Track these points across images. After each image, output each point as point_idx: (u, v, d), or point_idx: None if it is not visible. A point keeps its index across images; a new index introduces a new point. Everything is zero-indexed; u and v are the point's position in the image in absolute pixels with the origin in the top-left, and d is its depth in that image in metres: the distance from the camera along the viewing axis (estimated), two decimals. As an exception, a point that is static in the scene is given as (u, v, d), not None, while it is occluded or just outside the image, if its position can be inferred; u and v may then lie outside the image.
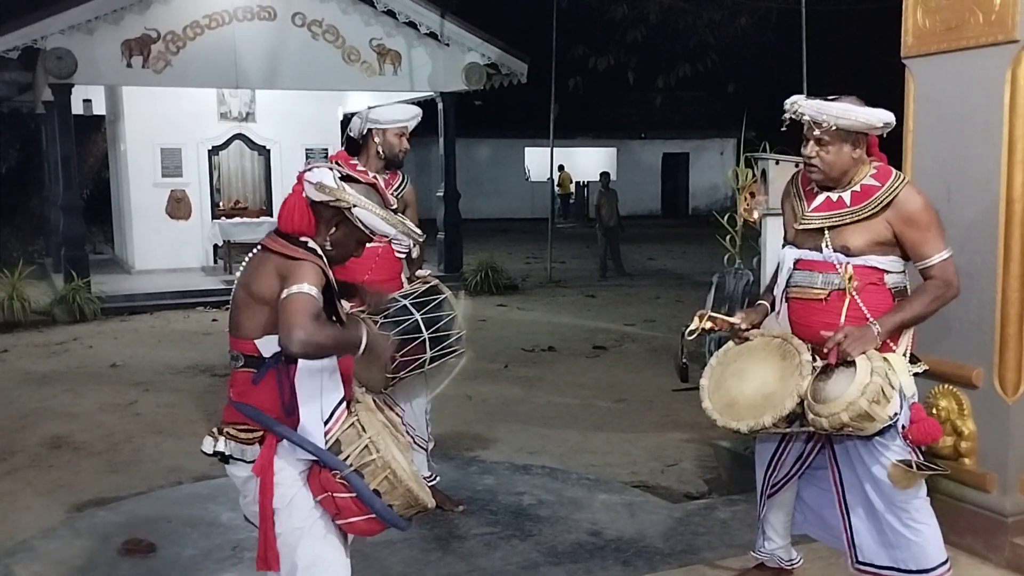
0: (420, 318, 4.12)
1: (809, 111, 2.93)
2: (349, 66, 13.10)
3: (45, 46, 11.50)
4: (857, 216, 2.98)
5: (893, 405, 2.85)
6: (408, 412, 4.42)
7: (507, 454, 5.65)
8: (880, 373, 2.81)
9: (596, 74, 13.98)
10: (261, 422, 2.50)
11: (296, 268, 2.45)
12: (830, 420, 2.82)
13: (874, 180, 2.99)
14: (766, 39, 14.26)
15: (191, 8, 12.20)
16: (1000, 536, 3.65)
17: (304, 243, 2.54)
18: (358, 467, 2.46)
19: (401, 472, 2.48)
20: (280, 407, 2.49)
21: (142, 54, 11.97)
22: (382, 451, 2.47)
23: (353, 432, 2.51)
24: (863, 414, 2.79)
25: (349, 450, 2.48)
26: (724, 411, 3.01)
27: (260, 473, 2.49)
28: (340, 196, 2.54)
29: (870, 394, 2.77)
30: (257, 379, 2.51)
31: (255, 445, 2.53)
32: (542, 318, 11.14)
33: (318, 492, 2.51)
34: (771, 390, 2.95)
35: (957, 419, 3.80)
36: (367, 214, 2.58)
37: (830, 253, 3.01)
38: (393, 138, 4.32)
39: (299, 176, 2.61)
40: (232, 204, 14.76)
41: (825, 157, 2.97)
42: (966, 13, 3.66)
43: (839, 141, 2.94)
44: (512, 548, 4.10)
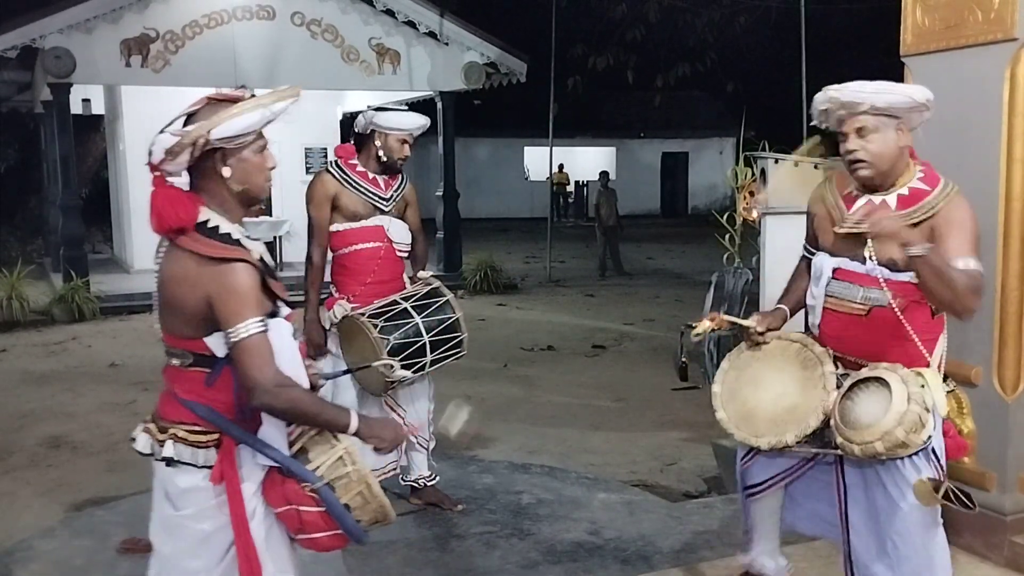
0: (420, 321, 4.11)
1: (846, 95, 2.68)
2: (348, 65, 13.09)
3: (44, 45, 11.49)
4: (908, 221, 2.67)
5: (928, 429, 2.65)
6: (410, 413, 4.41)
7: (506, 453, 5.64)
8: (917, 400, 2.60)
9: (595, 73, 13.98)
10: (219, 425, 2.26)
11: (223, 278, 2.17)
12: (863, 448, 2.61)
13: (923, 184, 2.74)
14: (765, 38, 14.28)
15: (190, 7, 12.20)
16: (999, 535, 3.65)
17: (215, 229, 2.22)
18: (330, 480, 2.26)
19: (376, 487, 2.30)
20: (235, 407, 2.26)
21: (141, 53, 11.97)
22: (357, 464, 2.29)
23: (323, 441, 2.31)
24: (899, 444, 2.60)
25: (319, 461, 2.28)
26: (741, 424, 2.82)
27: (220, 480, 2.24)
28: (191, 136, 2.16)
29: (907, 424, 2.58)
30: (211, 379, 2.26)
31: (210, 448, 2.26)
32: (541, 317, 11.14)
33: (279, 504, 2.28)
34: (793, 403, 2.75)
35: (956, 418, 3.79)
36: (228, 123, 2.17)
37: (873, 266, 2.72)
38: (395, 143, 4.27)
39: (152, 170, 2.23)
40: (231, 203, 14.73)
41: (870, 147, 2.69)
42: (965, 11, 3.66)
43: (883, 128, 2.68)
44: (511, 547, 4.10)
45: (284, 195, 14.62)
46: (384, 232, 4.29)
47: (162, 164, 2.18)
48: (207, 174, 2.23)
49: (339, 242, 4.31)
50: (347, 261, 4.31)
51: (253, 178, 2.28)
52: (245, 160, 2.24)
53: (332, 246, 4.34)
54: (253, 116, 2.19)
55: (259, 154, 2.27)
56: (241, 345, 2.15)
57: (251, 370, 2.14)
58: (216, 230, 2.22)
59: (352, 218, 4.26)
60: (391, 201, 4.33)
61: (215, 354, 2.23)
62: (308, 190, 4.34)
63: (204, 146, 2.16)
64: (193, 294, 2.18)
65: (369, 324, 4.02)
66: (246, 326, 2.15)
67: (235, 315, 2.15)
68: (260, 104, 2.20)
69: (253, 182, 2.28)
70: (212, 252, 2.18)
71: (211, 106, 2.21)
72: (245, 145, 2.23)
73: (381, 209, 4.29)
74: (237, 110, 2.17)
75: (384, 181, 4.34)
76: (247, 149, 2.24)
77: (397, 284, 4.35)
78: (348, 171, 4.30)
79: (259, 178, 2.29)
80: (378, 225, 4.29)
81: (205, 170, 2.23)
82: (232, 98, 2.22)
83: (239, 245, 2.23)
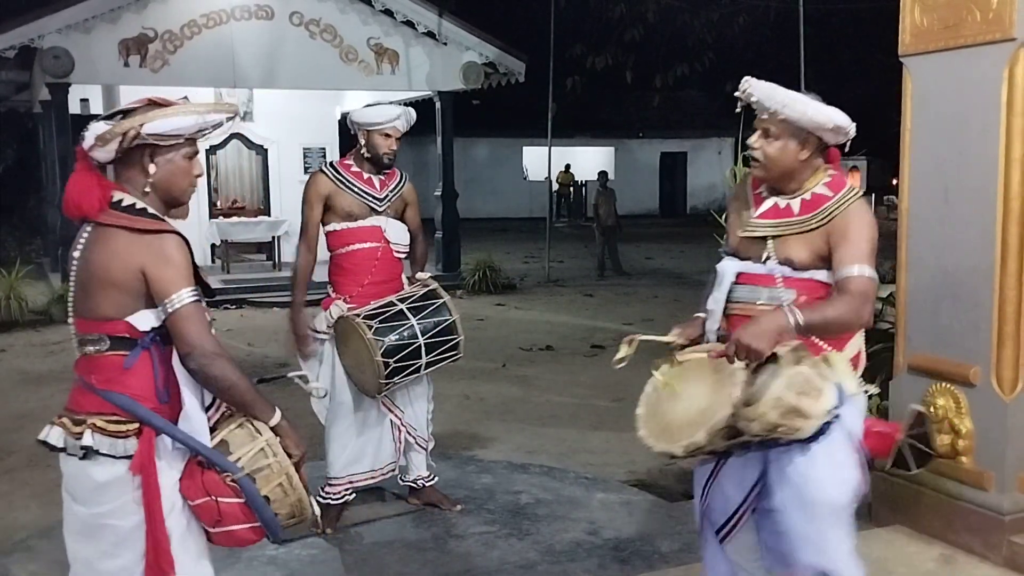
0: (416, 322, 4.10)
1: (759, 92, 2.67)
2: (347, 65, 13.09)
3: (42, 45, 11.48)
4: (803, 227, 2.68)
5: (827, 399, 2.52)
6: (408, 413, 4.41)
7: (505, 453, 5.64)
8: (808, 365, 2.52)
9: (594, 73, 13.99)
10: (137, 415, 2.25)
11: (157, 249, 2.24)
12: (760, 423, 2.49)
13: (827, 189, 2.70)
14: (764, 38, 14.28)
15: (188, 7, 12.19)
16: (998, 534, 3.65)
17: (143, 210, 2.29)
18: (251, 471, 2.27)
19: (296, 479, 2.32)
20: (155, 393, 2.27)
21: (139, 53, 11.95)
22: (279, 455, 2.30)
23: (244, 433, 2.31)
24: (793, 409, 2.49)
25: (241, 452, 2.28)
26: (660, 436, 2.72)
27: (141, 470, 2.23)
28: (124, 127, 2.22)
29: (797, 385, 2.48)
30: (130, 362, 2.26)
31: (131, 438, 2.25)
32: (540, 317, 11.14)
33: (197, 496, 2.27)
34: (705, 405, 2.66)
35: (955, 417, 3.80)
36: (161, 121, 2.25)
37: (774, 265, 2.70)
38: (378, 139, 4.24)
39: (79, 154, 2.30)
40: (230, 203, 14.73)
41: (768, 150, 2.69)
42: (964, 11, 3.66)
43: (786, 136, 2.66)
44: (510, 547, 4.10)
45: (283, 195, 14.63)
46: (381, 232, 4.28)
47: (91, 150, 2.26)
48: (133, 167, 2.30)
49: (336, 242, 4.30)
50: (344, 261, 4.30)
51: (177, 180, 2.35)
52: (172, 162, 2.33)
53: (329, 246, 4.34)
54: (186, 120, 2.28)
55: (187, 160, 2.36)
56: (180, 313, 2.20)
57: (190, 336, 2.20)
58: (144, 210, 2.29)
59: (347, 218, 4.25)
60: (385, 201, 4.31)
61: (135, 335, 2.26)
62: (303, 190, 4.35)
63: (134, 139, 2.24)
64: (126, 268, 2.22)
65: (364, 325, 4.01)
66: (180, 295, 2.21)
67: (171, 284, 2.22)
68: (195, 110, 2.30)
69: (176, 184, 2.36)
70: (143, 225, 2.25)
71: (149, 106, 2.28)
72: (175, 147, 2.31)
73: (375, 209, 4.28)
74: (172, 111, 2.26)
75: (379, 181, 4.33)
76: (177, 152, 2.32)
77: (395, 285, 4.34)
78: (342, 171, 4.30)
79: (183, 182, 2.37)
80: (375, 225, 4.28)
81: (132, 163, 2.30)
82: (170, 103, 2.30)
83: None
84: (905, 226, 4.03)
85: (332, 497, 4.31)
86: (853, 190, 2.71)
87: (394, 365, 4.01)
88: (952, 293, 3.80)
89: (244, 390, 2.29)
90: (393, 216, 4.35)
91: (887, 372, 4.35)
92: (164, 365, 2.28)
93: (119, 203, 2.28)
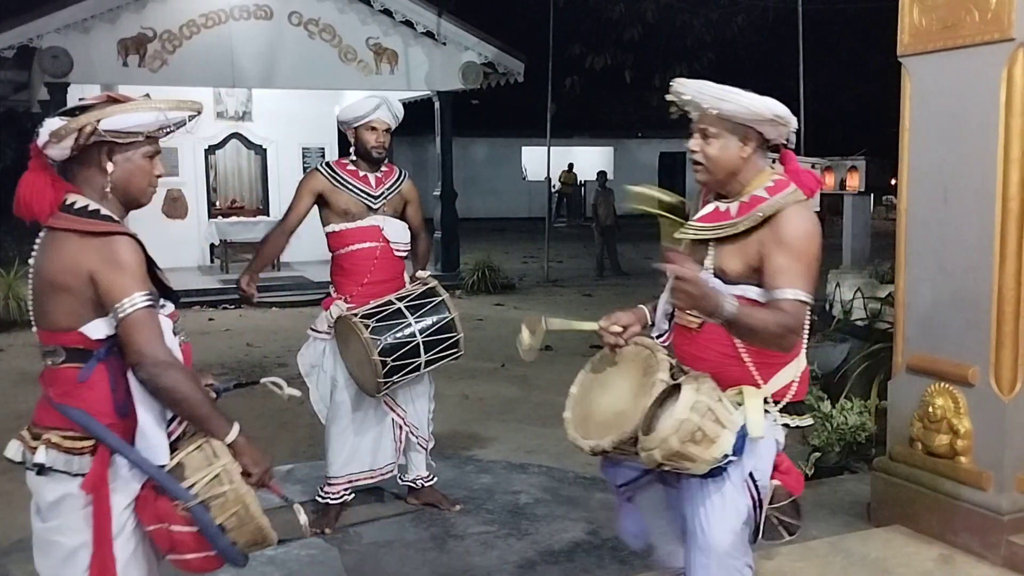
0: (414, 321, 4.11)
1: (691, 91, 2.56)
2: (346, 65, 13.08)
3: (41, 45, 11.46)
4: (733, 229, 2.52)
5: (720, 446, 2.41)
6: (411, 412, 4.41)
7: (504, 453, 5.64)
8: (700, 410, 2.40)
9: (593, 73, 14.00)
10: (93, 431, 2.14)
11: (107, 252, 2.11)
12: (647, 457, 2.44)
13: (765, 192, 2.52)
14: (763, 38, 14.28)
15: (187, 7, 12.17)
16: (996, 534, 3.65)
17: (95, 211, 2.17)
18: (205, 499, 2.13)
19: (254, 507, 2.18)
20: (113, 408, 2.16)
21: (138, 53, 11.94)
22: (236, 483, 2.15)
23: (202, 456, 2.17)
24: (675, 453, 2.40)
25: (196, 477, 2.14)
26: (579, 425, 2.68)
27: (93, 490, 2.13)
28: (80, 122, 2.11)
29: (683, 434, 2.38)
30: (84, 375, 2.15)
31: (85, 455, 2.15)
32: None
33: (150, 521, 2.15)
34: (622, 408, 2.59)
35: (953, 417, 3.80)
36: (119, 117, 2.14)
37: (708, 276, 2.53)
38: (365, 134, 4.26)
39: (33, 152, 2.20)
40: (229, 203, 14.73)
41: (708, 151, 2.56)
42: (962, 11, 3.66)
43: (725, 133, 2.52)
44: (509, 547, 4.10)
45: (282, 195, 14.61)
46: (380, 232, 4.28)
47: (45, 147, 2.15)
48: (90, 165, 2.19)
49: (336, 243, 4.31)
50: (344, 261, 4.31)
51: (136, 180, 2.24)
52: (131, 161, 2.21)
53: (330, 247, 4.35)
54: (146, 116, 2.17)
55: (147, 159, 2.24)
56: (129, 319, 2.08)
57: (139, 345, 2.07)
58: (96, 212, 2.17)
59: (345, 217, 4.26)
60: (381, 198, 4.31)
61: (89, 347, 2.15)
62: (298, 183, 4.38)
63: (91, 135, 2.12)
64: (76, 274, 2.11)
65: (361, 324, 4.01)
66: (131, 300, 2.09)
67: (121, 289, 2.09)
68: (156, 107, 2.18)
69: (135, 184, 2.24)
70: (93, 228, 2.13)
71: (108, 102, 2.17)
72: (135, 145, 2.20)
73: (371, 207, 4.28)
74: (131, 107, 2.15)
75: (376, 178, 4.34)
76: (136, 150, 2.21)
77: (396, 284, 4.34)
78: (338, 170, 4.31)
79: (142, 181, 2.25)
80: (374, 225, 4.28)
81: (89, 161, 2.19)
82: (130, 99, 2.20)
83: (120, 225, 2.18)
84: (904, 226, 4.03)
85: (331, 497, 4.31)
86: (794, 192, 2.52)
87: (392, 364, 4.01)
88: (951, 293, 3.81)
89: (197, 403, 2.15)
90: (392, 215, 4.36)
91: (886, 372, 4.36)
92: (122, 377, 2.16)
93: (71, 205, 2.17)
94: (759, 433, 2.48)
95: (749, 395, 2.52)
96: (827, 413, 4.97)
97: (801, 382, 2.63)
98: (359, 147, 4.29)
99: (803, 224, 2.47)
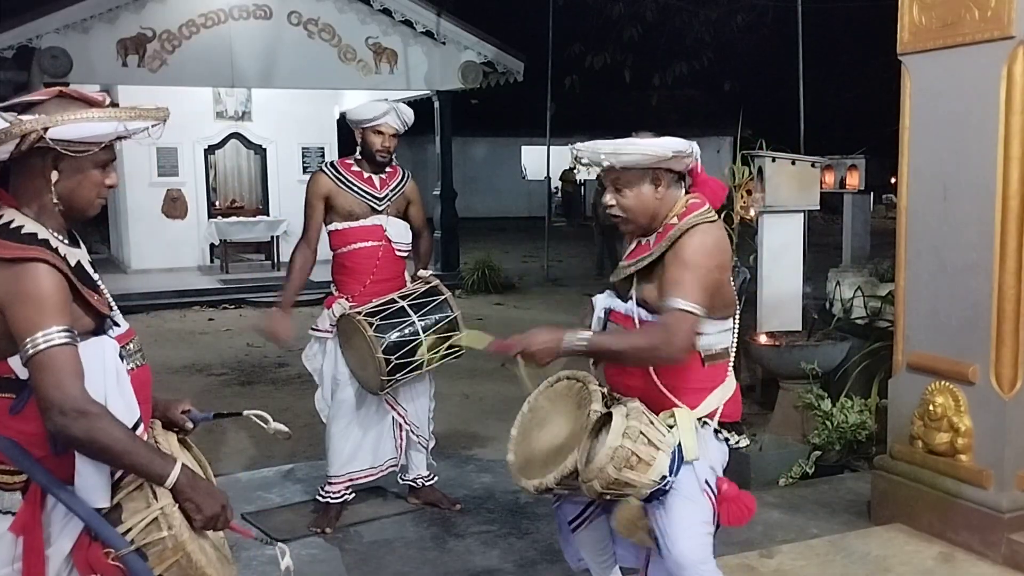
0: (417, 319, 4.11)
1: (586, 154, 2.60)
2: (345, 65, 13.08)
3: (40, 45, 11.46)
4: (650, 259, 2.60)
5: (658, 468, 2.46)
6: (411, 411, 4.41)
7: (504, 452, 5.61)
8: (632, 435, 2.43)
9: (592, 72, 13.97)
10: (22, 465, 1.91)
11: (17, 281, 1.83)
12: (588, 488, 2.47)
13: (677, 219, 2.59)
14: (762, 37, 14.27)
15: (187, 7, 12.18)
16: (997, 532, 3.65)
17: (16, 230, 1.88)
18: (141, 545, 1.87)
19: (197, 556, 1.89)
20: (47, 439, 1.90)
21: (137, 53, 11.94)
22: (175, 528, 1.87)
23: (142, 497, 1.90)
24: (615, 481, 2.43)
25: (132, 521, 1.88)
26: (522, 467, 2.68)
27: (22, 532, 1.89)
28: (24, 127, 1.82)
29: (618, 460, 2.40)
30: (17, 407, 1.90)
31: (16, 492, 1.92)
32: (539, 316, 11.13)
33: (84, 571, 1.89)
34: (561, 443, 2.61)
35: (954, 415, 3.80)
36: (72, 126, 1.85)
37: (632, 306, 2.63)
38: (371, 136, 4.25)
39: None
40: (228, 203, 14.73)
41: (624, 202, 2.62)
42: (962, 9, 3.66)
43: (636, 182, 2.58)
44: (509, 546, 4.10)
45: (281, 195, 14.64)
46: (383, 231, 4.29)
47: None
48: (31, 173, 1.92)
49: (338, 241, 4.31)
50: (346, 260, 4.31)
51: (83, 192, 1.95)
52: (80, 171, 1.93)
53: (331, 245, 4.35)
54: (103, 127, 1.90)
55: (99, 169, 1.96)
56: (36, 359, 1.81)
57: (47, 388, 1.80)
58: (18, 230, 1.88)
59: (348, 217, 4.26)
60: (385, 200, 4.31)
61: (19, 378, 1.89)
62: (305, 190, 4.36)
63: (36, 142, 1.84)
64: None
65: (365, 323, 4.02)
66: (45, 336, 1.81)
67: (29, 323, 1.82)
68: (115, 116, 1.91)
69: (81, 196, 1.96)
70: (5, 253, 1.85)
71: (60, 101, 1.91)
72: (86, 155, 1.91)
73: (375, 208, 4.28)
74: (87, 115, 1.87)
75: (380, 180, 4.33)
76: (87, 159, 1.92)
77: (397, 283, 4.35)
78: (342, 170, 4.31)
79: (90, 194, 1.97)
80: (376, 224, 4.28)
81: (31, 168, 1.91)
82: (87, 99, 1.93)
83: (46, 247, 1.89)
84: (904, 224, 4.03)
85: (332, 496, 4.31)
86: (703, 213, 2.58)
87: (396, 362, 4.02)
88: (951, 291, 3.81)
89: (121, 451, 1.85)
90: (395, 214, 4.36)
91: (886, 370, 4.36)
92: None
93: (6, 224, 1.90)
94: (694, 455, 2.53)
95: (680, 417, 2.56)
96: (827, 411, 4.97)
97: (730, 404, 2.68)
98: (364, 149, 4.29)
99: (702, 239, 2.53)
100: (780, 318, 5.57)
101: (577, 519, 2.81)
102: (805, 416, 5.20)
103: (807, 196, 6.34)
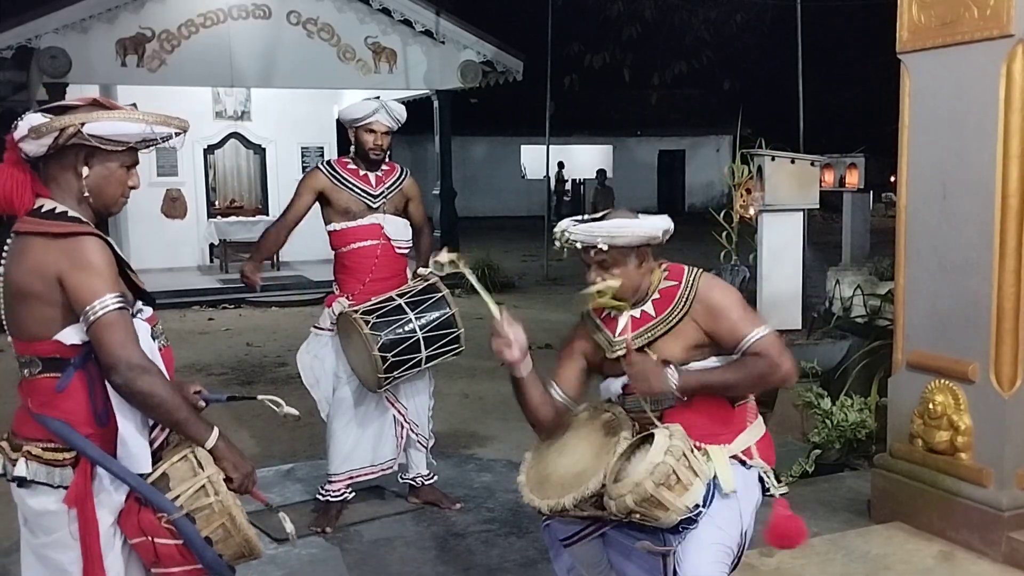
0: (414, 317, 4.11)
1: (580, 236, 2.66)
2: (344, 64, 13.07)
3: (39, 45, 11.45)
4: (669, 324, 2.67)
5: (694, 495, 2.46)
6: (411, 409, 4.42)
7: (504, 451, 5.64)
8: (675, 454, 2.43)
9: (592, 71, 13.99)
10: (73, 443, 2.10)
11: (73, 253, 2.05)
12: (617, 503, 2.44)
13: (670, 281, 2.72)
14: (762, 36, 14.28)
15: (186, 7, 12.17)
16: (997, 531, 3.65)
17: (63, 213, 2.12)
18: (190, 511, 2.09)
19: (240, 519, 2.14)
20: (92, 417, 2.11)
21: (137, 53, 11.93)
22: (221, 494, 2.11)
23: (186, 467, 2.13)
24: (650, 499, 2.40)
25: (180, 489, 2.11)
26: (535, 487, 2.68)
27: (76, 504, 2.08)
28: (63, 122, 2.05)
29: (658, 475, 2.39)
30: (62, 385, 2.10)
31: (67, 467, 2.11)
32: (539, 315, 11.13)
33: (134, 534, 2.10)
34: (583, 468, 2.61)
35: (953, 414, 3.80)
36: (105, 123, 2.09)
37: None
38: (364, 135, 4.27)
39: (9, 144, 2.13)
40: (228, 203, 14.73)
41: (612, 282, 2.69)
42: (961, 8, 3.66)
43: (622, 260, 2.66)
44: (509, 545, 4.10)
45: (281, 194, 14.61)
46: (381, 230, 4.30)
47: (22, 141, 2.09)
48: (65, 167, 2.13)
49: (338, 241, 4.32)
50: (346, 260, 4.32)
51: (109, 189, 2.18)
52: (108, 169, 2.16)
53: (332, 245, 4.37)
54: (132, 127, 2.12)
55: (125, 169, 2.19)
56: (100, 322, 2.02)
57: (112, 348, 2.02)
58: (64, 214, 2.12)
59: (346, 216, 4.27)
60: (381, 197, 4.32)
61: (65, 355, 2.09)
62: (298, 182, 4.41)
63: (72, 136, 2.07)
64: (44, 279, 2.05)
65: (361, 321, 4.03)
66: (103, 302, 2.03)
67: (90, 291, 2.03)
68: (143, 119, 2.13)
69: (108, 193, 2.18)
70: (58, 229, 2.07)
71: (95, 105, 2.14)
72: (114, 154, 2.14)
73: (371, 206, 4.29)
74: (118, 115, 2.11)
75: (376, 177, 4.34)
76: (115, 159, 2.16)
77: (397, 281, 4.36)
78: (339, 168, 4.32)
79: (115, 191, 2.20)
80: (375, 223, 4.29)
81: (65, 163, 2.13)
82: (117, 107, 2.16)
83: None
84: (903, 223, 4.03)
85: (332, 495, 4.31)
86: (694, 272, 2.74)
87: (392, 359, 4.02)
88: (950, 289, 3.81)
89: (174, 408, 2.10)
90: (393, 212, 4.36)
91: (886, 369, 4.36)
92: (101, 385, 2.10)
93: (39, 209, 2.12)
94: (731, 487, 2.57)
95: (714, 452, 2.61)
96: (827, 410, 4.97)
97: (763, 446, 2.74)
98: (358, 147, 4.31)
99: (720, 285, 2.73)
100: (780, 316, 5.58)
101: (570, 538, 2.80)
102: (805, 415, 5.20)
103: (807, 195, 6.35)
